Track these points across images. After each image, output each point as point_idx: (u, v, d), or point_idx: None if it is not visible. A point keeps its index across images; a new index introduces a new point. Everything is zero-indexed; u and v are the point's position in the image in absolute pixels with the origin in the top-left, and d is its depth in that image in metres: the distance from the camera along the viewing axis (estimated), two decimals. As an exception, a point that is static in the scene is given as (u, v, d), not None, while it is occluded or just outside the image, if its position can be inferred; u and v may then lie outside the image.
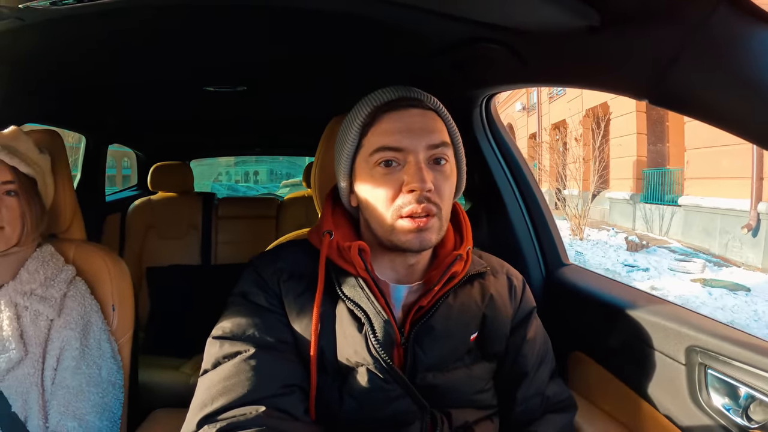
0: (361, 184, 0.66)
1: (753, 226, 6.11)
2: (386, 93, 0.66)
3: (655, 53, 0.54)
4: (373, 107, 0.65)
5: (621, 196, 9.73)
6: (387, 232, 0.63)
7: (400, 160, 0.62)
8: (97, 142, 1.99)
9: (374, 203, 0.64)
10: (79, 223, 1.05)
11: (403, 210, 0.61)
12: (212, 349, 0.62)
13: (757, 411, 0.59)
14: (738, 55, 0.49)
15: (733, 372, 0.62)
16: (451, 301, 0.67)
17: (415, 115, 0.64)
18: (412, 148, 0.61)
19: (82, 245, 1.00)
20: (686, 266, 5.84)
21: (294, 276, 0.66)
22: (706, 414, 0.66)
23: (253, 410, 0.55)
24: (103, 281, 0.98)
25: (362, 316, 0.62)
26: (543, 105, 14.72)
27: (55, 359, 0.82)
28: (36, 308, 0.83)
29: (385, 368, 0.61)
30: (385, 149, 0.62)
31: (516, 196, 1.22)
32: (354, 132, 0.66)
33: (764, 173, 6.03)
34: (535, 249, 1.19)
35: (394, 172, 0.62)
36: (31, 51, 0.94)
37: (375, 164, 0.63)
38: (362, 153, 0.65)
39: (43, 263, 0.88)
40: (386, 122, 0.64)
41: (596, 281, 1.04)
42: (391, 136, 0.62)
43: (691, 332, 0.69)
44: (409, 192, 0.60)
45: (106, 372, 0.87)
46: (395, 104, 0.64)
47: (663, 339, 0.74)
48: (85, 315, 0.87)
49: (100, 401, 0.84)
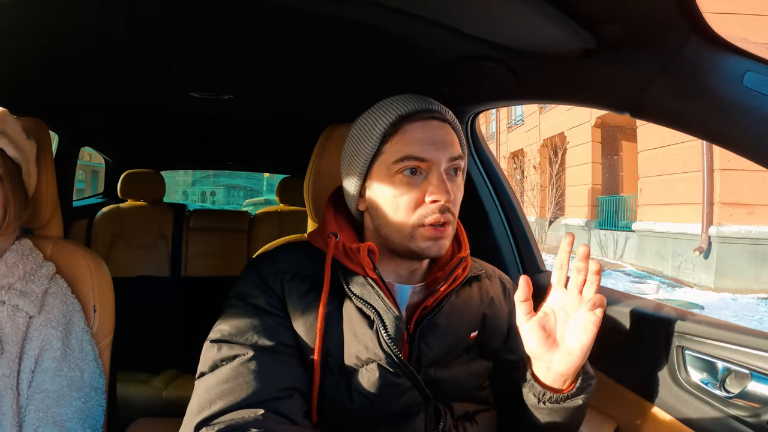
0: (379, 190, 0.67)
1: (704, 249, 6.54)
2: (410, 102, 0.66)
3: (638, 73, 0.62)
4: (397, 115, 0.66)
5: (577, 222, 10.24)
6: (405, 239, 0.66)
7: (423, 169, 0.65)
8: (70, 142, 1.91)
9: (393, 210, 0.66)
10: (57, 219, 1.00)
11: (426, 219, 0.64)
12: (210, 353, 0.62)
13: (733, 382, 0.66)
14: (706, 76, 0.57)
15: (708, 350, 0.69)
16: (454, 300, 0.70)
17: (437, 127, 0.66)
18: (436, 160, 0.64)
19: (60, 242, 0.96)
20: (641, 288, 6.21)
21: (297, 276, 0.67)
22: (687, 391, 0.72)
23: (252, 414, 0.55)
24: (83, 280, 0.93)
25: (372, 313, 0.63)
26: (501, 134, 15.47)
27: (33, 360, 0.76)
28: (15, 303, 0.77)
29: (397, 363, 0.63)
30: (411, 158, 0.64)
31: (497, 207, 1.29)
32: (375, 138, 0.66)
33: (714, 198, 6.49)
34: (515, 256, 1.26)
35: (416, 181, 0.65)
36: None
37: (397, 172, 0.65)
38: (382, 159, 0.66)
39: (23, 257, 0.82)
40: (411, 131, 0.65)
41: None
42: (417, 146, 0.64)
43: (666, 319, 0.76)
44: (433, 202, 0.63)
45: (89, 376, 0.82)
46: (420, 114, 0.66)
47: (640, 329, 0.80)
48: (67, 314, 0.83)
49: (83, 407, 0.79)
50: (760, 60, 0.53)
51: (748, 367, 0.64)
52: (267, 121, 1.72)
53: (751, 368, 0.64)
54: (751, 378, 0.64)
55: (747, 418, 0.63)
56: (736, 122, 0.55)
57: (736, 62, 0.55)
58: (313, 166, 0.88)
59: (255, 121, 1.74)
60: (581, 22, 0.59)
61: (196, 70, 1.18)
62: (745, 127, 0.55)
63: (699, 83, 0.58)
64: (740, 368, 0.65)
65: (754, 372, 0.63)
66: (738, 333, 0.66)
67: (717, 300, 5.84)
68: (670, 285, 6.66)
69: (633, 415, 0.81)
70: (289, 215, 2.37)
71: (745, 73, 0.53)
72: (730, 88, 0.55)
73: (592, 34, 0.60)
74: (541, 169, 11.26)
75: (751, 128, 0.54)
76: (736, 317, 5.22)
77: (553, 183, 10.16)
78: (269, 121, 1.72)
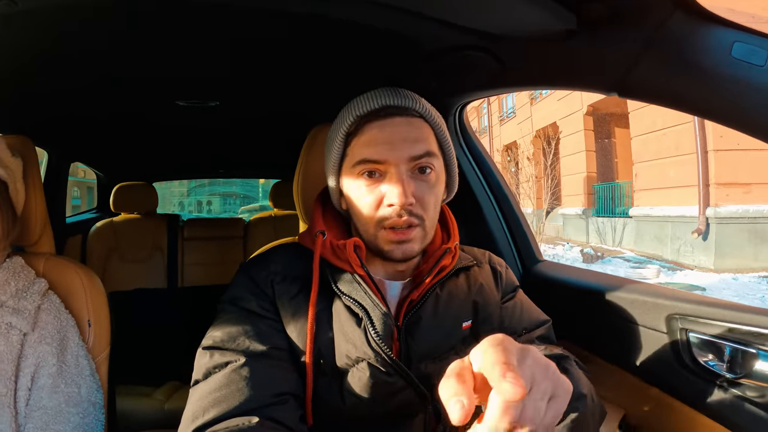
0: (347, 191, 0.67)
1: (702, 231, 6.55)
2: (370, 100, 0.65)
3: (623, 52, 0.61)
4: (356, 116, 0.65)
5: (573, 211, 10.25)
6: (372, 240, 0.65)
7: (381, 171, 0.63)
8: (59, 158, 1.89)
9: (359, 210, 0.65)
10: (48, 235, 0.99)
11: (385, 222, 0.63)
12: (202, 360, 0.61)
13: (742, 362, 0.65)
14: (693, 50, 0.56)
15: (714, 330, 0.68)
16: (439, 292, 0.69)
17: (399, 124, 0.63)
18: (393, 161, 0.62)
19: (52, 258, 0.95)
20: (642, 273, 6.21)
21: (287, 278, 0.66)
22: (694, 374, 0.71)
23: (246, 421, 0.54)
24: (77, 296, 0.92)
25: (359, 310, 0.62)
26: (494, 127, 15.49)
27: (29, 378, 0.76)
28: (8, 321, 0.76)
29: (387, 360, 0.61)
30: (367, 162, 0.63)
31: (490, 199, 1.28)
32: (339, 141, 0.66)
33: (710, 180, 6.49)
34: (511, 248, 1.25)
35: (376, 183, 0.63)
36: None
37: (358, 174, 0.64)
38: (347, 162, 0.66)
39: (14, 274, 0.81)
40: (368, 133, 0.64)
41: (571, 272, 1.11)
42: (372, 148, 0.63)
43: (668, 302, 0.75)
44: (390, 206, 0.62)
45: (86, 391, 0.81)
46: (379, 113, 0.64)
47: (643, 313, 0.79)
48: (61, 329, 0.82)
49: (81, 422, 0.78)
50: (747, 30, 0.52)
51: (756, 346, 0.63)
52: (256, 124, 1.70)
53: (759, 347, 0.63)
54: (759, 357, 0.63)
55: (756, 398, 0.62)
56: (727, 94, 0.54)
57: (723, 34, 0.54)
58: (300, 167, 0.87)
59: (244, 126, 1.72)
60: (562, 2, 0.58)
61: (181, 80, 1.17)
62: (735, 98, 0.53)
63: (686, 58, 0.57)
64: (747, 348, 0.64)
65: (762, 351, 0.62)
66: (742, 312, 0.65)
67: (718, 281, 5.84)
68: (671, 268, 6.67)
69: (640, 401, 0.80)
70: (283, 219, 2.36)
71: (733, 45, 0.52)
72: (718, 60, 0.54)
73: (574, 13, 0.59)
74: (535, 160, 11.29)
75: (741, 99, 0.53)
76: (738, 297, 5.23)
77: (548, 173, 10.18)
78: (258, 125, 1.71)
